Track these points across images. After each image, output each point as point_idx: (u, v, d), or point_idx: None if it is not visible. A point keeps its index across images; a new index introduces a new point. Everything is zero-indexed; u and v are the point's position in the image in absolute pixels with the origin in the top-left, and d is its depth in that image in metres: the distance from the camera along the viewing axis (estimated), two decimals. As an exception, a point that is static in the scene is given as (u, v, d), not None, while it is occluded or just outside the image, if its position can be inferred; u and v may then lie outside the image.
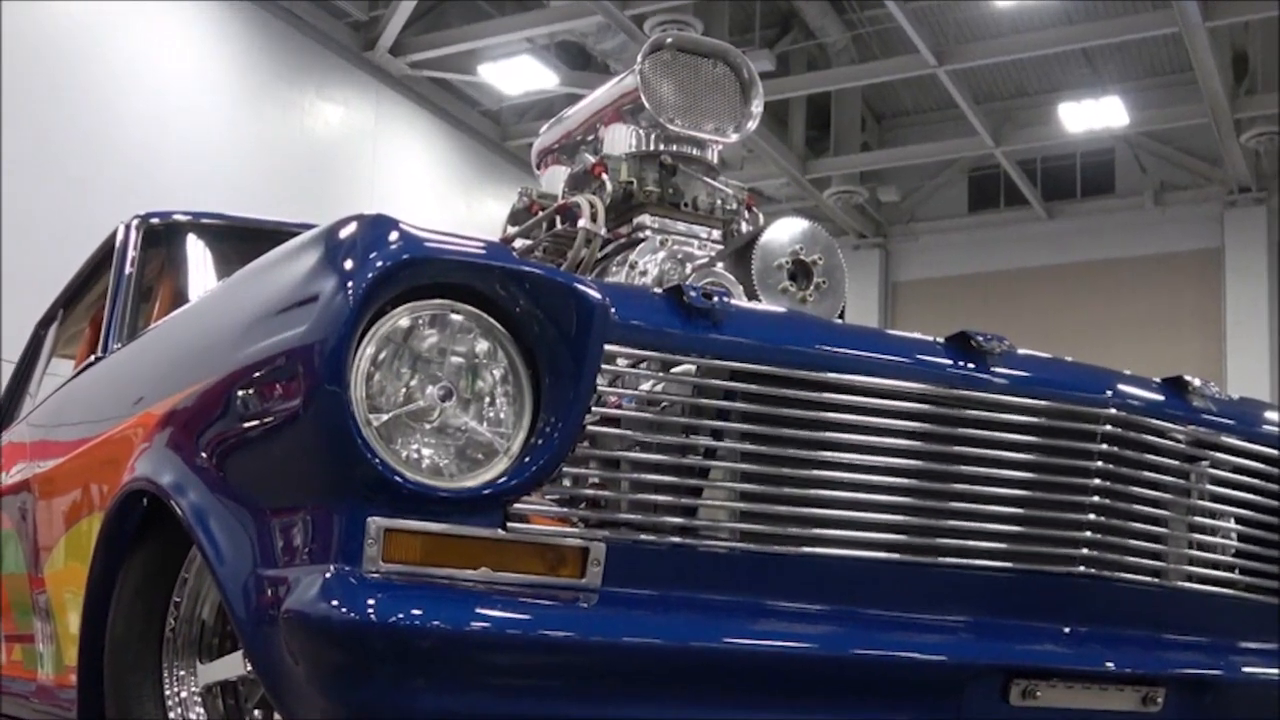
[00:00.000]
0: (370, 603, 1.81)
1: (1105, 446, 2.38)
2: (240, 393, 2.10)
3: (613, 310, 2.02)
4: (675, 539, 2.07)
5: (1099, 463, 2.38)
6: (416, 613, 1.82)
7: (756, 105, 3.18)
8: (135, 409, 2.67)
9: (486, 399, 2.00)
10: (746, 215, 3.20)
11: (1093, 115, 14.81)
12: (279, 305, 2.09)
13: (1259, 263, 15.72)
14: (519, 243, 3.17)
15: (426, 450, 1.96)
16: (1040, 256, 17.09)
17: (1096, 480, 2.37)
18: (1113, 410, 2.39)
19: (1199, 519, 2.57)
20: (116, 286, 3.63)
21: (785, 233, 2.83)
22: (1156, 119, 15.15)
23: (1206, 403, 2.58)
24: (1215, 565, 2.59)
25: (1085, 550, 2.36)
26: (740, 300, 2.63)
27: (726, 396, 2.11)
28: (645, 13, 12.20)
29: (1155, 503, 2.48)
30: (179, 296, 3.63)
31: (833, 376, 2.18)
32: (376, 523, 1.88)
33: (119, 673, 2.47)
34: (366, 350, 1.93)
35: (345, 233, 2.03)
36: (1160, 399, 2.52)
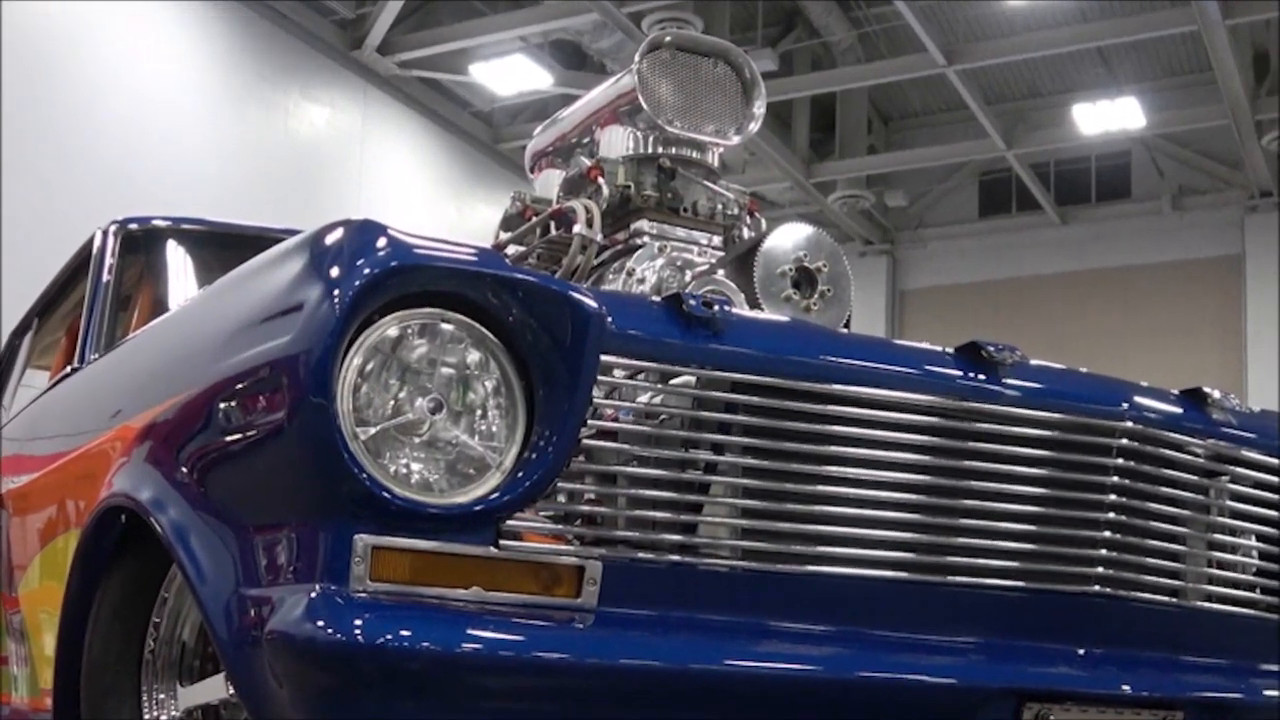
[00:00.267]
0: (357, 623, 1.82)
1: (1121, 461, 2.39)
2: (222, 405, 2.10)
3: (609, 319, 2.03)
4: (674, 557, 2.07)
5: (1115, 478, 2.38)
6: (405, 634, 1.82)
7: (759, 106, 3.19)
8: (113, 422, 2.67)
9: (478, 412, 2.00)
10: (748, 221, 3.20)
11: (1108, 117, 14.81)
12: (262, 314, 2.09)
13: (1281, 270, 15.76)
14: (512, 249, 3.18)
15: (416, 465, 1.96)
16: (1053, 264, 17.10)
17: (1112, 496, 2.38)
18: (1129, 423, 2.39)
19: (1218, 536, 2.57)
20: (94, 295, 3.63)
21: (789, 239, 2.84)
22: (1174, 120, 15.17)
23: (1226, 415, 2.59)
24: (1235, 584, 2.59)
25: (1100, 569, 2.36)
26: (742, 309, 2.63)
27: (727, 409, 2.12)
28: (643, 10, 12.20)
29: (1173, 519, 2.48)
30: (158, 305, 3.63)
31: (838, 388, 2.18)
32: (364, 540, 1.88)
33: (96, 696, 2.46)
34: (353, 361, 1.93)
35: (331, 239, 2.04)
36: (1178, 412, 2.53)
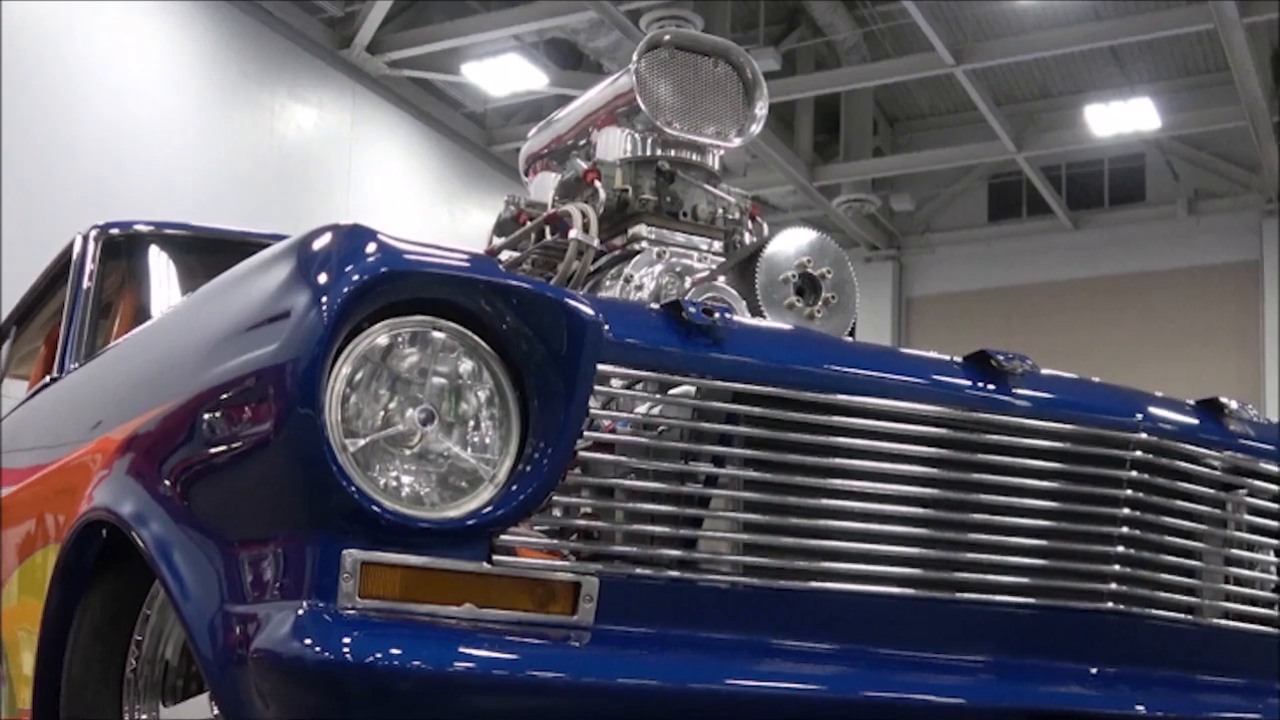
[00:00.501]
0: (346, 641, 1.81)
1: (1135, 474, 2.39)
2: (206, 416, 2.10)
3: (606, 327, 2.03)
4: (673, 573, 2.07)
5: (1129, 491, 2.38)
6: (396, 652, 1.82)
7: (761, 107, 3.19)
8: (94, 433, 2.67)
9: (471, 423, 2.00)
10: (750, 225, 3.20)
11: (1122, 118, 14.82)
12: (248, 322, 2.09)
13: (1300, 276, 15.78)
14: (506, 255, 3.18)
15: (406, 478, 1.96)
16: (1065, 270, 17.12)
17: (1126, 510, 2.38)
18: (1143, 435, 2.40)
19: (1236, 551, 2.57)
20: (73, 302, 3.63)
21: (792, 244, 2.84)
22: (1190, 122, 15.19)
23: (1244, 426, 2.59)
24: (1253, 601, 2.59)
25: (1114, 585, 2.36)
26: (743, 317, 2.63)
27: (729, 420, 2.12)
28: (641, 8, 12.21)
29: (1189, 534, 2.49)
30: (141, 313, 3.64)
31: (842, 399, 2.18)
32: (353, 555, 1.88)
33: (76, 717, 2.46)
34: (342, 370, 1.93)
35: (319, 244, 2.04)
36: (1194, 423, 2.53)
